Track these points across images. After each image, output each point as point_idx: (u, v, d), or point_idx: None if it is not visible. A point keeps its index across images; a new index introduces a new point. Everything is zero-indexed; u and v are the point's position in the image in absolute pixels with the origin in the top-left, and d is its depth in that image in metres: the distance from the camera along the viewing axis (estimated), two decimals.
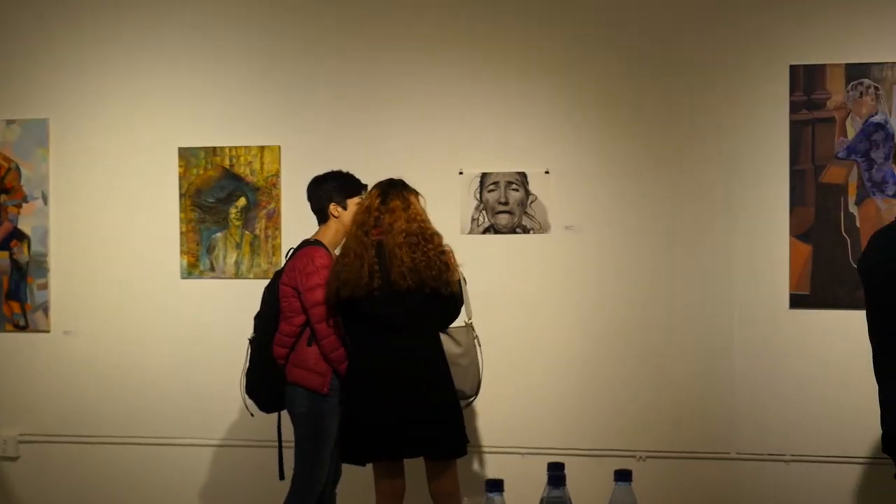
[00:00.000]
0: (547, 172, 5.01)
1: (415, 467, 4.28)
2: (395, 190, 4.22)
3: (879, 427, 3.32)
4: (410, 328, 4.12)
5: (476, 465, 5.06)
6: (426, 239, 4.13)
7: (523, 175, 5.03)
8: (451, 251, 4.16)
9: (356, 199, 4.39)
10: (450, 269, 4.11)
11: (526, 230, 5.03)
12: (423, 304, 4.09)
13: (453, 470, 4.23)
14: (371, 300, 4.07)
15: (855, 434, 4.74)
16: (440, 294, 4.09)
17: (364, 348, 4.16)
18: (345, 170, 4.46)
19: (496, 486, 2.10)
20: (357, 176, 4.47)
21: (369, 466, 4.20)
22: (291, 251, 4.40)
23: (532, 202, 5.02)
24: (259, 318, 4.38)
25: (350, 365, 4.20)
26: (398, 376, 4.08)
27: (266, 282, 4.49)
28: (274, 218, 5.22)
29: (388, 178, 4.29)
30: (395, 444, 4.12)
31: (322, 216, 4.41)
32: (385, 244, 4.09)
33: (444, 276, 4.09)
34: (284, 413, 4.38)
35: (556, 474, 2.08)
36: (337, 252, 4.31)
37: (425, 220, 4.19)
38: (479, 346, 4.26)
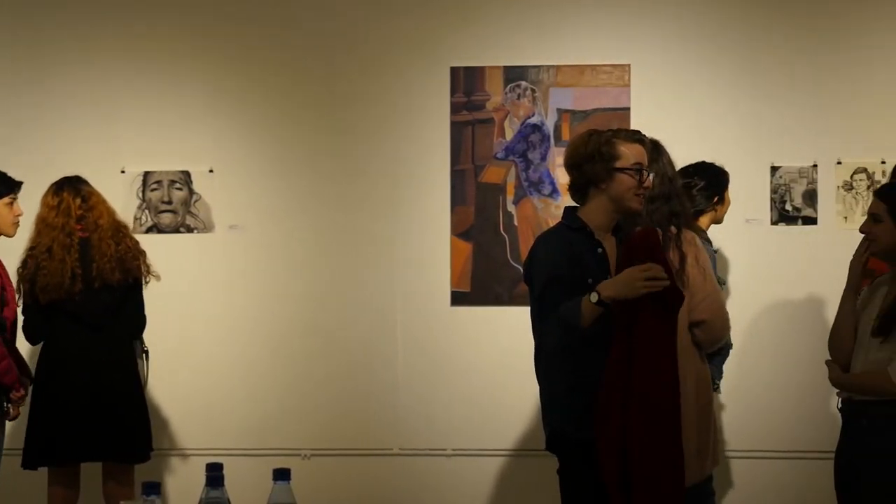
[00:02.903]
0: (211, 171, 4.94)
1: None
2: (86, 186, 4.25)
3: (538, 420, 3.41)
4: (107, 330, 4.17)
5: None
6: (124, 228, 4.30)
7: (187, 174, 4.95)
8: None
9: (7, 199, 4.22)
10: (145, 254, 4.28)
11: (190, 229, 4.95)
12: (122, 303, 4.18)
13: (131, 475, 4.27)
14: (72, 302, 4.10)
15: (515, 428, 4.90)
16: (140, 285, 4.22)
17: (57, 349, 4.16)
18: None
19: (153, 488, 2.05)
20: (12, 175, 4.29)
21: None
22: None
23: (196, 201, 4.94)
24: None
25: (42, 365, 4.20)
26: (87, 378, 4.12)
27: None
28: None
29: (62, 176, 4.27)
30: (78, 447, 4.11)
31: None
32: (91, 241, 4.14)
33: (145, 260, 4.28)
34: None
35: (214, 475, 2.05)
36: None
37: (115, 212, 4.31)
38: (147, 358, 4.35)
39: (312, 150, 4.96)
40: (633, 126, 4.68)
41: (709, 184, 4.21)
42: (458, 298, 4.92)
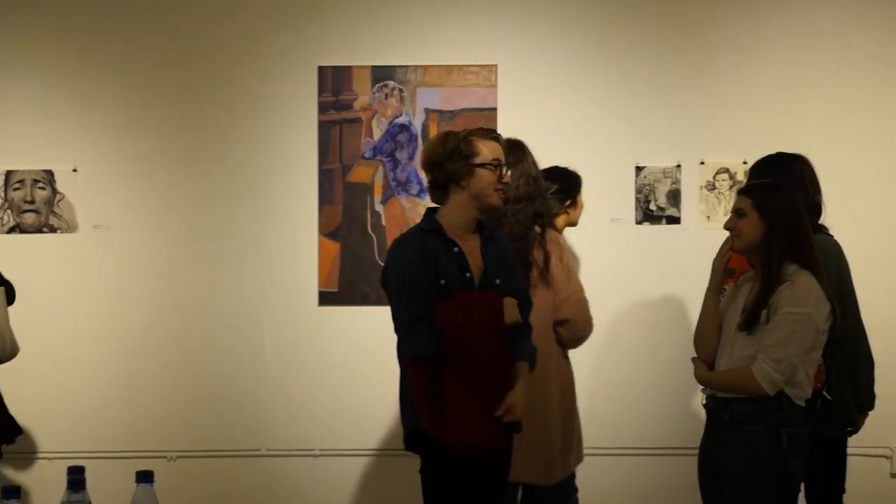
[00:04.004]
0: (75, 170, 4.89)
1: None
2: None
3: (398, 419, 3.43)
4: None
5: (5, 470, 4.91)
6: None
7: (50, 173, 4.89)
8: None
9: None
10: None
11: (53, 229, 4.89)
12: None
13: None
14: None
15: (383, 428, 4.91)
16: None
17: None
18: None
19: (12, 492, 2.00)
20: None
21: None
22: None
23: (59, 201, 4.89)
24: None
25: None
26: None
27: None
28: None
29: None
30: None
31: None
32: None
33: None
34: None
35: (76, 478, 2.01)
36: None
37: None
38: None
39: (179, 150, 4.92)
40: (500, 126, 4.74)
41: (561, 187, 4.24)
42: (325, 298, 4.91)
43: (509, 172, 3.49)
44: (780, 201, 3.37)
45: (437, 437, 3.22)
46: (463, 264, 3.32)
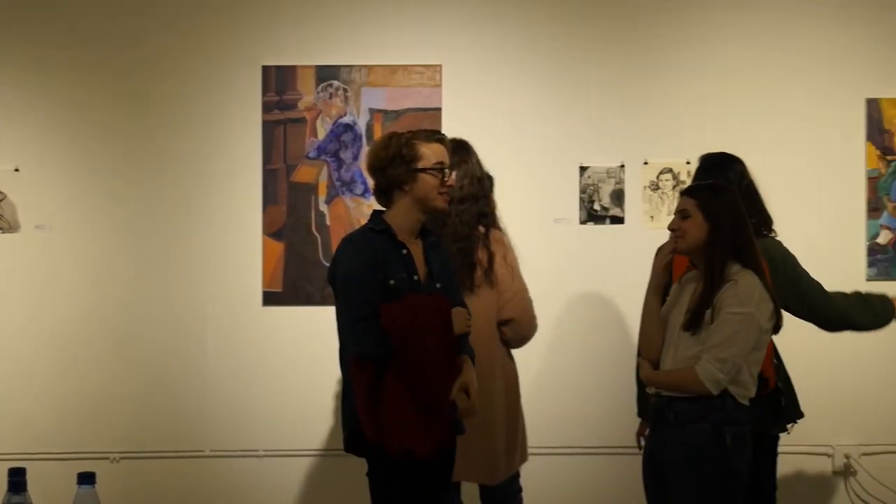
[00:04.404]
0: (17, 170, 4.86)
1: None
2: None
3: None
4: None
5: None
6: None
7: None
8: None
9: None
10: None
11: None
12: None
13: None
14: None
15: (327, 428, 4.90)
16: None
17: None
18: None
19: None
20: None
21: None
22: None
23: (1, 200, 4.85)
24: None
25: None
26: None
27: None
28: None
29: None
30: None
31: None
32: None
33: None
34: None
35: (16, 480, 2.02)
36: None
37: None
38: None
39: (121, 148, 4.90)
40: (445, 126, 4.74)
41: None
42: (269, 298, 4.90)
43: (454, 175, 3.48)
44: (723, 202, 3.40)
45: (375, 440, 3.21)
46: (411, 267, 3.32)
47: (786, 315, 3.47)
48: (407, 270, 3.31)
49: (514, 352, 4.09)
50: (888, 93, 4.95)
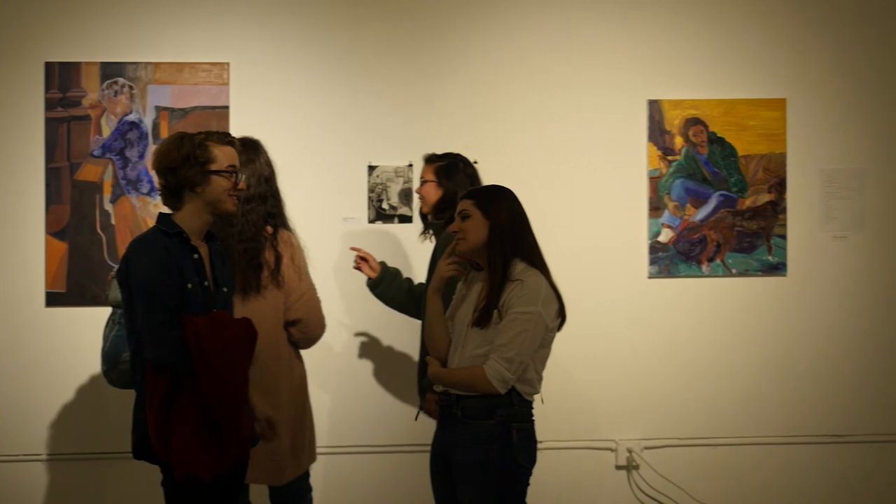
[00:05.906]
0: None
1: None
2: None
3: None
4: None
5: None
6: None
7: None
8: None
9: None
10: None
11: None
12: None
13: None
14: None
15: (113, 430, 4.82)
16: None
17: None
18: None
19: None
20: None
21: None
22: None
23: None
24: None
25: None
26: None
27: None
28: None
29: None
30: None
31: None
32: None
33: None
34: None
35: None
36: None
37: None
38: None
39: None
40: (233, 125, 4.72)
41: None
42: (53, 299, 4.82)
43: (244, 178, 3.47)
44: (501, 201, 3.46)
45: (160, 455, 3.17)
46: (201, 272, 3.30)
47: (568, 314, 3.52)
48: (199, 275, 3.28)
49: (304, 353, 4.10)
50: (669, 94, 5.05)
